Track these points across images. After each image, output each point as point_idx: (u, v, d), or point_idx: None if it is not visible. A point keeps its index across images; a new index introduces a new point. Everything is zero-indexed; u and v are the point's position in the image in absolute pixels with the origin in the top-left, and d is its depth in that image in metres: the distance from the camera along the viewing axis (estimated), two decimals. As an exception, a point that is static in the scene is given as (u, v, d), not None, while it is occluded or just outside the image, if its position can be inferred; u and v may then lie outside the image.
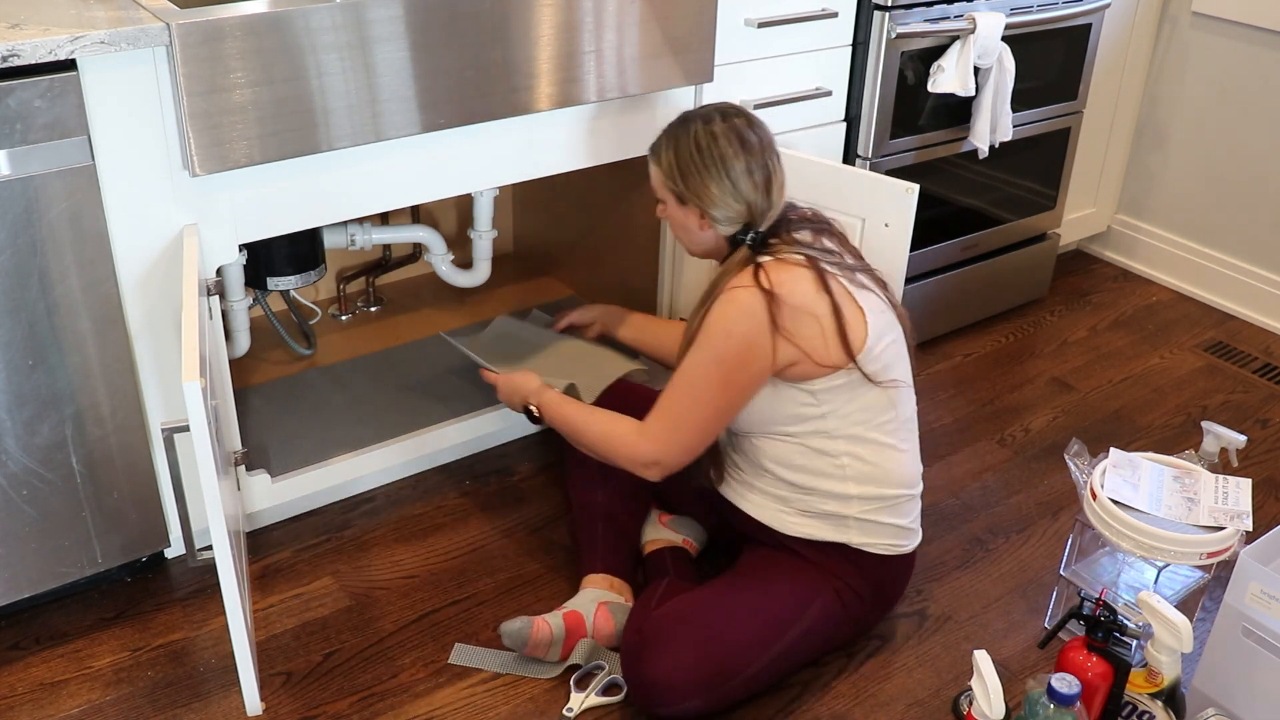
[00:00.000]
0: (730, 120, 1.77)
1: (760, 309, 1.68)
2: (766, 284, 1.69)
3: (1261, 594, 1.68)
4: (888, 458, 1.79)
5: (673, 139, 1.80)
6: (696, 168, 1.76)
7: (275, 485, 2.05)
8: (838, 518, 1.80)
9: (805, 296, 1.70)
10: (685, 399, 1.74)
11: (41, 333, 1.70)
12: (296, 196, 1.86)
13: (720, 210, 1.77)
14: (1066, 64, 2.82)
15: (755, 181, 1.76)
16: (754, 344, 1.69)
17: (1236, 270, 3.08)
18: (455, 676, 1.85)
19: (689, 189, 1.78)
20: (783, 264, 1.73)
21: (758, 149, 1.77)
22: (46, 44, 1.53)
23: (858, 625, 1.89)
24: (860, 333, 1.73)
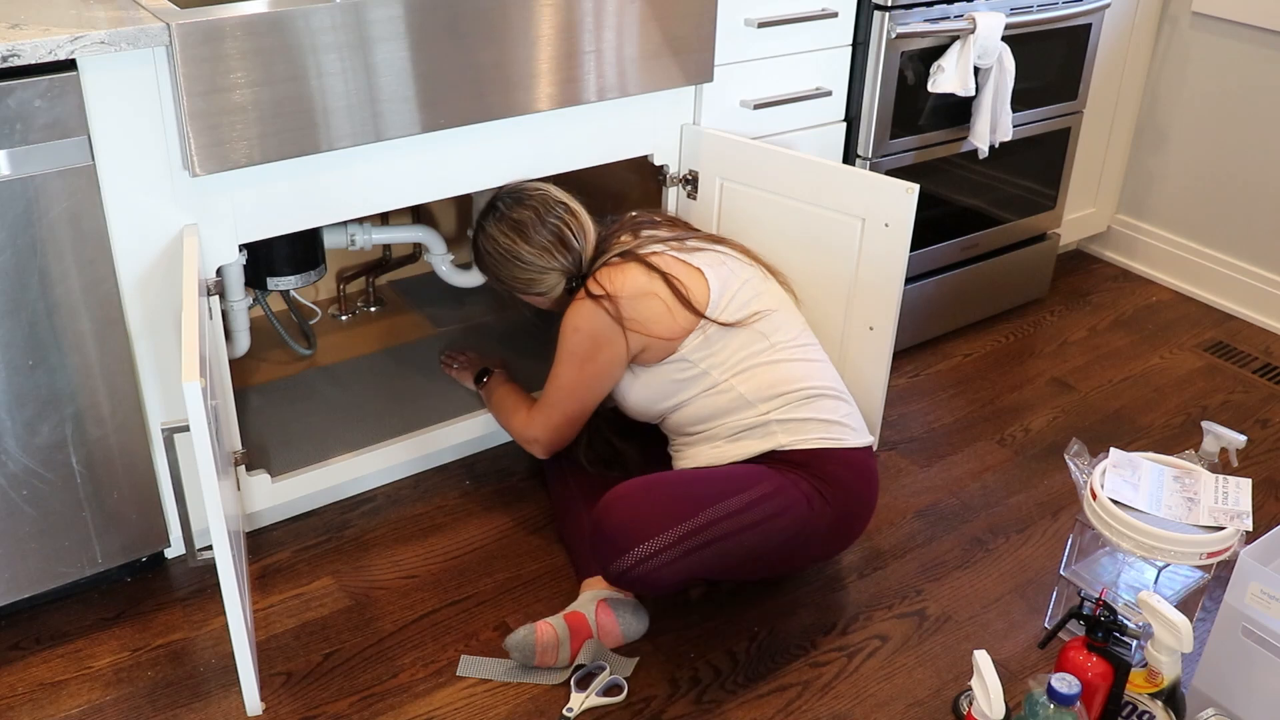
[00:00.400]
0: (497, 214, 1.99)
1: (598, 311, 1.89)
2: (598, 290, 1.90)
3: (1261, 594, 1.68)
4: (779, 371, 1.91)
5: (474, 254, 2.07)
6: (501, 266, 2.01)
7: (275, 485, 2.05)
8: (760, 428, 1.90)
9: (637, 283, 1.90)
10: (552, 390, 2.00)
11: (41, 333, 1.70)
12: (296, 196, 1.86)
13: (540, 286, 2.01)
14: (1066, 64, 2.82)
15: (547, 248, 1.97)
16: (599, 336, 1.90)
17: (1236, 270, 3.08)
18: (455, 676, 1.85)
19: (504, 284, 2.04)
20: (608, 268, 1.94)
21: (534, 220, 1.97)
22: (46, 44, 1.53)
23: (831, 531, 1.89)
24: (703, 291, 1.91)
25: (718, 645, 1.92)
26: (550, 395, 2.00)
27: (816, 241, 2.15)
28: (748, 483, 1.84)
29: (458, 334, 2.57)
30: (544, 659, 1.83)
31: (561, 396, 1.99)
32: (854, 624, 1.99)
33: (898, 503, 2.30)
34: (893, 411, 2.58)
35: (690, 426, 1.96)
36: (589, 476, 2.12)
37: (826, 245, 2.14)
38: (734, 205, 2.23)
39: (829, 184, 2.11)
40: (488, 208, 2.03)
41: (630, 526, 1.77)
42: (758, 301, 1.96)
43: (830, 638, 1.96)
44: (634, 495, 1.82)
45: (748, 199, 2.21)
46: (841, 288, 2.17)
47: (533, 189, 2.01)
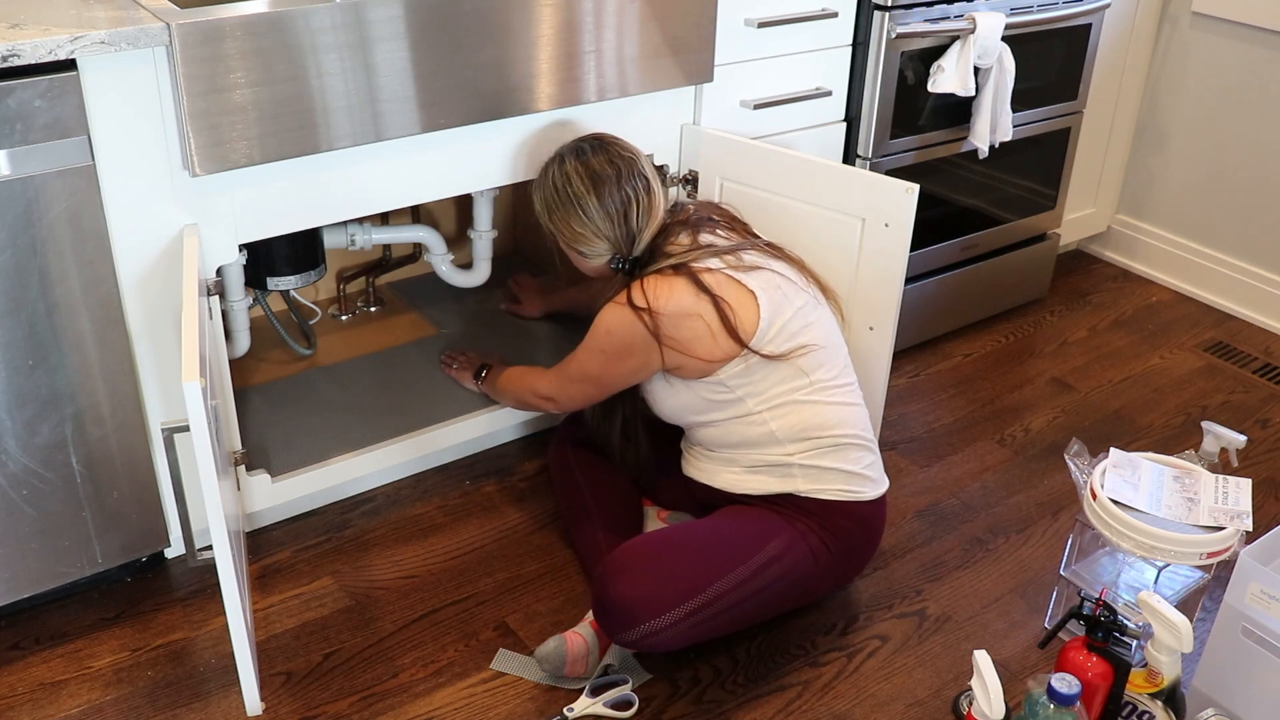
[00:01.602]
0: (584, 158, 1.86)
1: (636, 322, 1.80)
2: (642, 302, 1.80)
3: (1261, 594, 1.68)
4: (814, 412, 1.85)
5: (539, 183, 1.92)
6: (556, 208, 1.88)
7: (275, 485, 2.05)
8: (782, 467, 1.85)
9: (683, 302, 1.79)
10: (573, 366, 1.94)
11: (41, 333, 1.70)
12: (296, 196, 1.86)
13: (585, 246, 1.89)
14: (1066, 64, 2.81)
15: (610, 214, 1.85)
16: (631, 344, 1.82)
17: (1236, 270, 3.08)
18: (455, 676, 1.85)
19: (555, 227, 1.91)
20: (658, 278, 1.82)
21: (612, 180, 1.85)
22: (46, 44, 1.53)
23: (830, 576, 1.91)
24: (752, 317, 1.80)
25: (718, 645, 1.92)
26: (570, 369, 1.95)
27: (816, 241, 2.15)
28: (757, 544, 1.80)
29: (458, 334, 2.57)
30: (574, 669, 1.82)
31: (580, 377, 1.93)
32: (854, 624, 1.99)
33: (898, 503, 2.30)
34: (893, 411, 2.58)
35: (713, 444, 1.92)
36: (600, 478, 2.08)
37: (826, 245, 2.14)
38: (734, 205, 2.23)
39: (829, 184, 2.11)
40: (574, 146, 1.90)
41: (638, 603, 1.71)
42: (806, 334, 1.85)
43: (830, 638, 1.96)
44: (641, 567, 1.76)
45: (748, 199, 2.20)
46: (841, 288, 2.17)
47: (625, 149, 1.90)
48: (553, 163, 1.90)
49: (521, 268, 2.77)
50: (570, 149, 1.90)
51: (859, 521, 1.89)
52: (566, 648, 1.81)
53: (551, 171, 1.89)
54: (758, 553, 1.79)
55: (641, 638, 1.73)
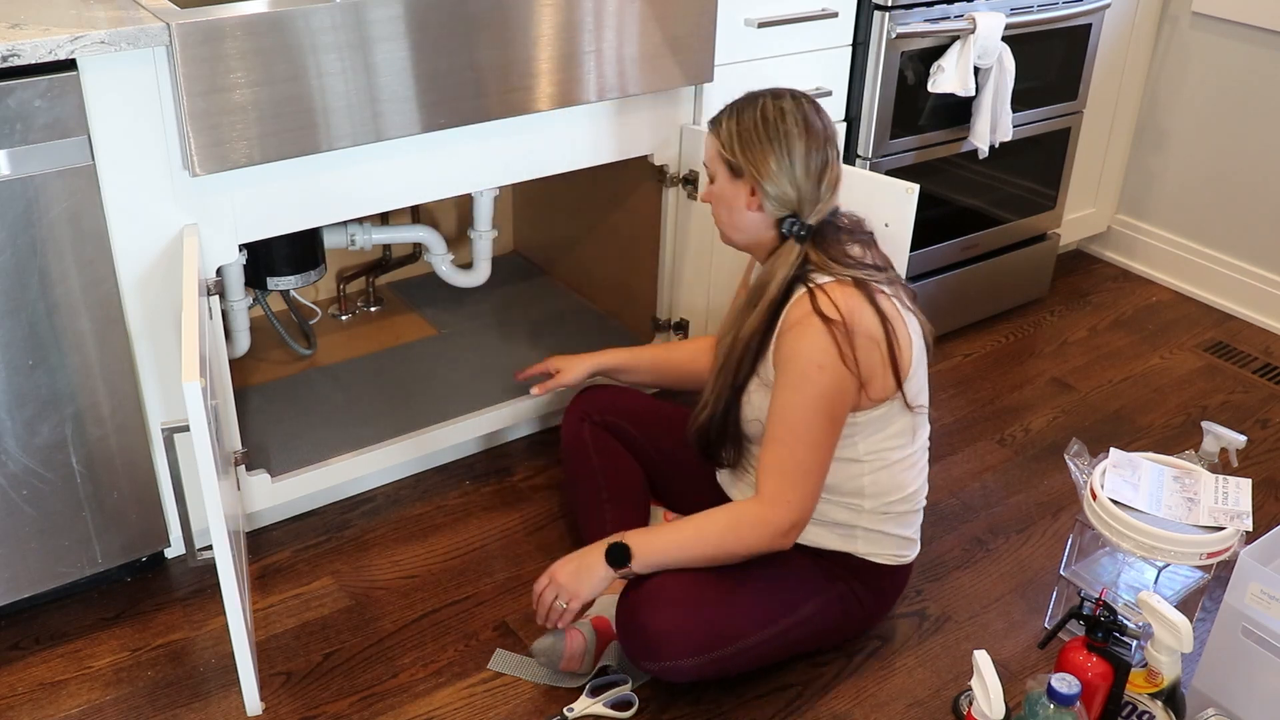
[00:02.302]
0: (799, 101, 1.73)
1: (833, 342, 1.63)
2: (833, 312, 1.63)
3: (1261, 594, 1.68)
4: (904, 477, 1.80)
5: (736, 109, 1.75)
6: (758, 138, 1.70)
7: (275, 485, 2.05)
8: (846, 528, 1.80)
9: (867, 322, 1.65)
10: (799, 446, 1.66)
11: (41, 333, 1.70)
12: (296, 196, 1.86)
13: (773, 186, 1.69)
14: (1066, 64, 2.81)
15: (810, 168, 1.69)
16: (841, 372, 1.64)
17: (1236, 270, 3.08)
18: (455, 676, 1.85)
19: (746, 159, 1.70)
20: (839, 286, 1.67)
21: (821, 136, 1.71)
22: (46, 44, 1.53)
23: (855, 628, 1.90)
24: (907, 357, 1.70)
25: (718, 645, 1.92)
26: (796, 457, 1.67)
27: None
28: (797, 603, 1.77)
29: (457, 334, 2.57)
30: (570, 665, 1.81)
31: (812, 458, 1.67)
32: (854, 624, 1.99)
33: (898, 503, 2.30)
34: (893, 411, 2.58)
35: None
36: (616, 464, 2.01)
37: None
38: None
39: (829, 184, 2.11)
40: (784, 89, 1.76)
41: (668, 638, 1.68)
42: (924, 393, 1.78)
43: (830, 638, 1.96)
44: (678, 602, 1.69)
45: (748, 199, 2.20)
46: (841, 288, 2.17)
47: (826, 113, 1.75)
48: (762, 95, 1.74)
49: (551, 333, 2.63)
50: (782, 90, 1.75)
51: (893, 582, 1.89)
52: (566, 644, 1.80)
53: (763, 102, 1.72)
54: (795, 611, 1.77)
55: (661, 670, 1.71)
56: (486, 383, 2.36)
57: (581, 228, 2.69)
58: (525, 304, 2.72)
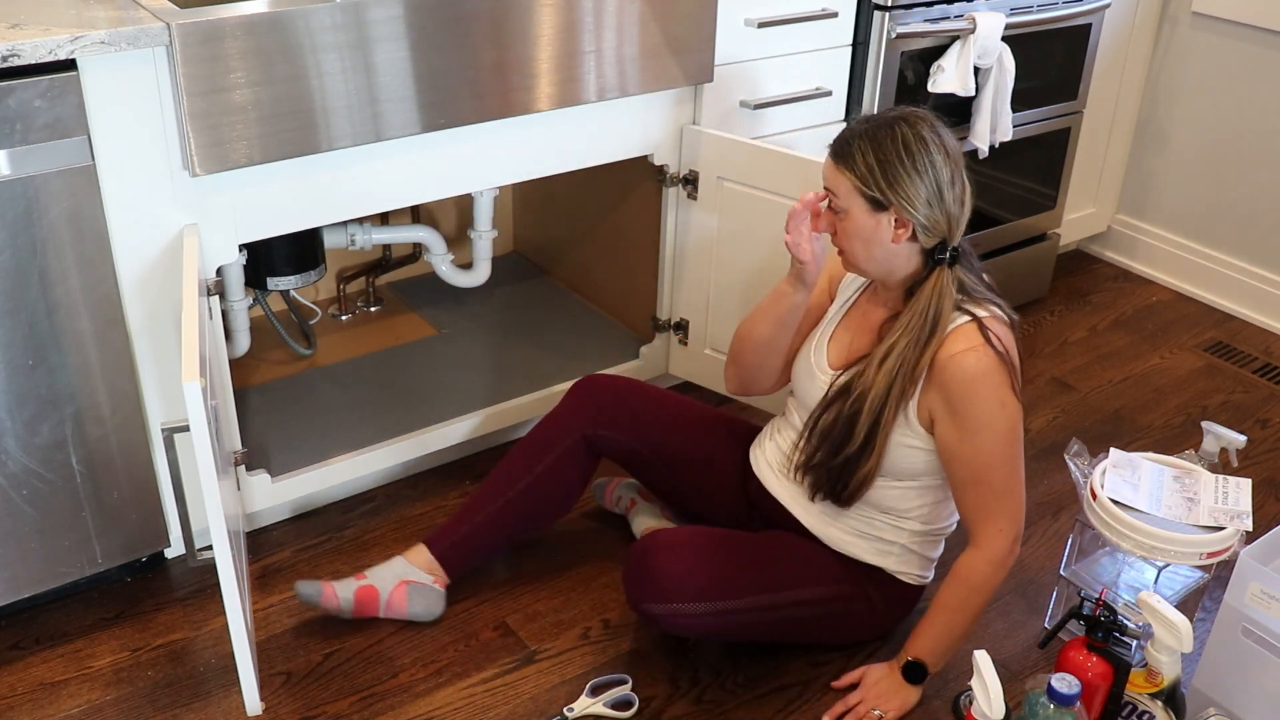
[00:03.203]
0: (934, 124, 1.67)
1: (1005, 371, 1.65)
2: (1002, 347, 1.65)
3: (1261, 594, 1.68)
4: (943, 507, 1.82)
5: (871, 140, 1.65)
6: (905, 170, 1.62)
7: (275, 485, 2.05)
8: (885, 543, 1.81)
9: (1016, 356, 1.69)
10: (998, 481, 1.69)
11: (41, 333, 1.70)
12: (296, 196, 1.86)
13: (926, 217, 1.64)
14: (1066, 64, 2.81)
15: (956, 193, 1.66)
16: (1015, 410, 1.67)
17: (1236, 270, 3.08)
18: (455, 676, 1.85)
19: (895, 193, 1.63)
20: (995, 320, 1.68)
21: (957, 157, 1.67)
22: (46, 44, 1.53)
23: (862, 631, 1.90)
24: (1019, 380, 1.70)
25: (717, 646, 1.92)
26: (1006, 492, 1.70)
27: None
28: (810, 581, 1.79)
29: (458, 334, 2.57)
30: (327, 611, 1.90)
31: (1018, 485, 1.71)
32: (854, 624, 1.99)
33: (898, 503, 2.30)
34: (893, 411, 2.58)
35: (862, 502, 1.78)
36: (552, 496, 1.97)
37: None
38: (734, 205, 2.23)
39: (829, 184, 2.11)
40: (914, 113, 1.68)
41: (678, 581, 1.71)
42: None
43: (830, 638, 1.96)
44: (693, 549, 1.75)
45: (748, 199, 2.20)
46: (841, 288, 2.17)
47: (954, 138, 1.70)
48: (896, 123, 1.65)
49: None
50: (910, 113, 1.67)
51: (907, 602, 1.90)
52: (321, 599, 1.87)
53: (902, 132, 1.64)
54: (804, 588, 1.78)
55: (666, 614, 1.73)
56: (486, 383, 2.36)
57: (581, 228, 2.69)
58: (525, 304, 2.72)
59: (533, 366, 2.42)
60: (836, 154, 1.69)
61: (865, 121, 1.69)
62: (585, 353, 2.48)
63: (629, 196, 2.46)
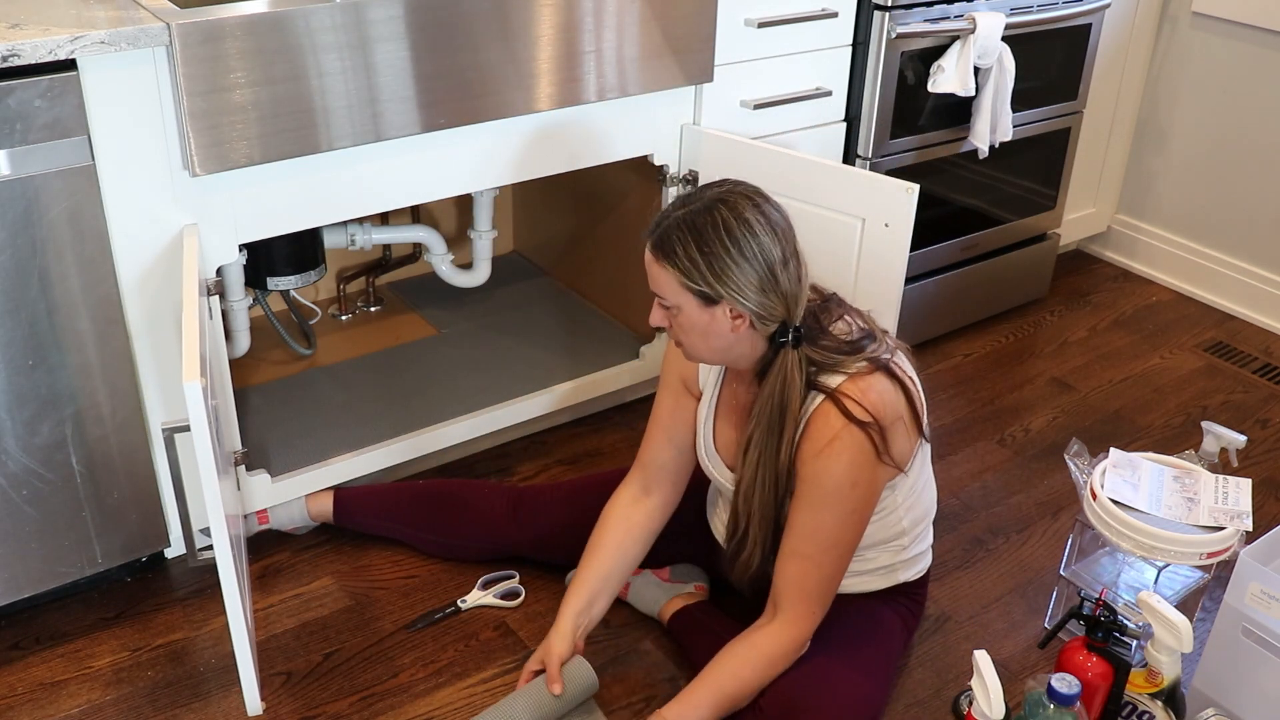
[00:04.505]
0: (754, 200, 1.54)
1: (868, 448, 1.54)
2: (864, 415, 1.53)
3: (1261, 594, 1.68)
4: (925, 495, 1.81)
5: (691, 230, 1.52)
6: (732, 260, 1.50)
7: (275, 485, 2.05)
8: (886, 569, 1.81)
9: (892, 407, 1.57)
10: (827, 562, 1.61)
11: (41, 333, 1.70)
12: (296, 196, 1.86)
13: (761, 306, 1.53)
14: (1066, 64, 2.81)
15: (791, 272, 1.54)
16: (874, 483, 1.60)
17: (1236, 270, 3.08)
18: (455, 676, 1.85)
19: (723, 288, 1.51)
20: (859, 380, 1.56)
21: (786, 232, 1.55)
22: (46, 44, 1.53)
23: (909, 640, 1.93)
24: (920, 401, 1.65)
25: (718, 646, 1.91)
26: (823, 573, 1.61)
27: (816, 241, 2.14)
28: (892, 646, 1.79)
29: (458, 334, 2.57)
30: None
31: (840, 571, 1.63)
32: (854, 624, 1.99)
33: (898, 503, 2.30)
34: (893, 411, 2.58)
35: None
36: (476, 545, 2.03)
37: (826, 245, 2.14)
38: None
39: (829, 184, 2.11)
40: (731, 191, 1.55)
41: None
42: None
43: (830, 638, 1.96)
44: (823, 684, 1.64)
45: (748, 199, 2.20)
46: (841, 288, 2.15)
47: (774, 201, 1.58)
48: (715, 206, 1.52)
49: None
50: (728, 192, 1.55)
51: (925, 591, 1.93)
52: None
53: (721, 216, 1.51)
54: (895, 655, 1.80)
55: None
56: (486, 383, 2.36)
57: (581, 228, 2.69)
58: (525, 304, 2.72)
59: (533, 366, 2.42)
60: (656, 248, 1.56)
61: (682, 206, 1.55)
62: (585, 353, 2.48)
63: (629, 196, 2.46)
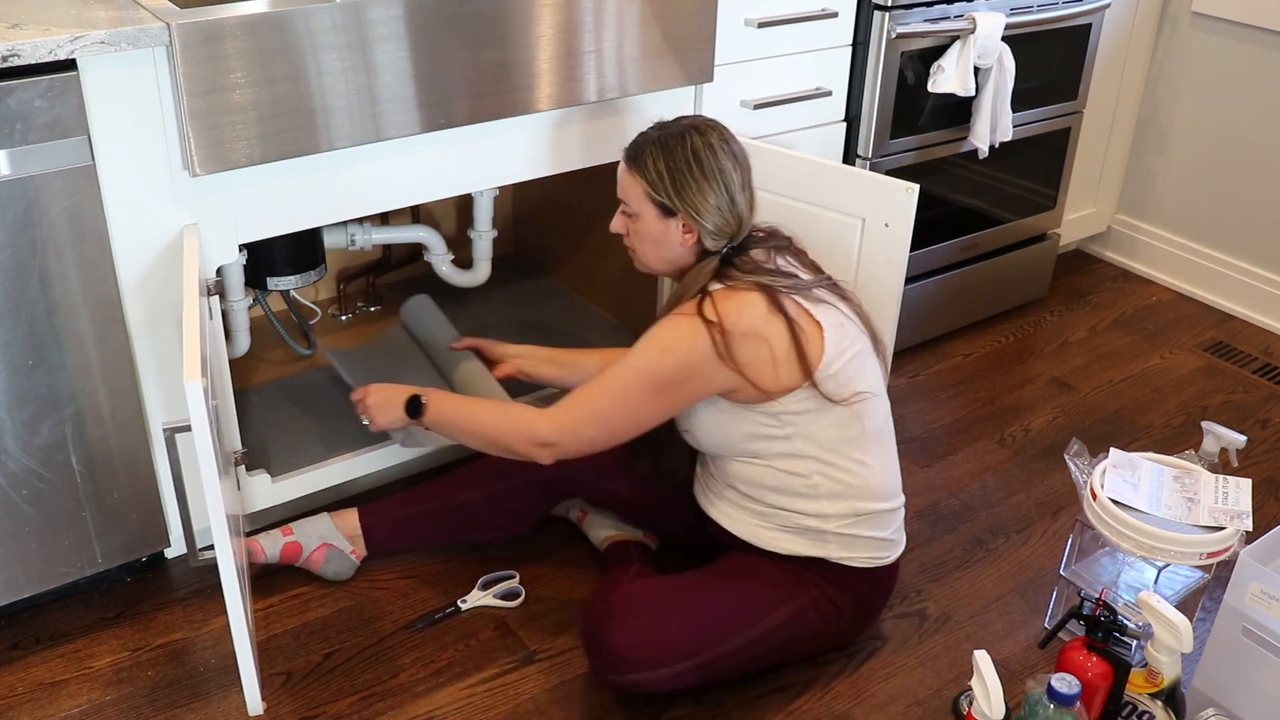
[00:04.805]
0: (722, 133, 1.76)
1: (703, 337, 1.66)
2: (713, 315, 1.67)
3: (1261, 594, 1.68)
4: (859, 474, 1.77)
5: (663, 148, 1.74)
6: (694, 178, 1.71)
7: (275, 485, 2.05)
8: (816, 532, 1.79)
9: (754, 322, 1.68)
10: (607, 397, 1.72)
11: (41, 333, 1.70)
12: (296, 196, 1.86)
13: (713, 220, 1.72)
14: (1066, 64, 2.82)
15: (746, 196, 1.75)
16: (690, 367, 1.68)
17: (1236, 270, 3.08)
18: (455, 676, 1.85)
19: (683, 201, 1.72)
20: (731, 292, 1.70)
21: (746, 164, 1.76)
22: (46, 44, 1.53)
23: (836, 637, 1.89)
24: (816, 351, 1.70)
25: (718, 645, 1.92)
26: (595, 400, 1.73)
27: (816, 241, 2.14)
28: (766, 610, 1.77)
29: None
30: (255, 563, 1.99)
31: (611, 410, 1.72)
32: (854, 624, 1.99)
33: (898, 503, 2.30)
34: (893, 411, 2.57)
35: (746, 488, 1.81)
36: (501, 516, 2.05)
37: (826, 245, 2.14)
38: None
39: (829, 184, 2.11)
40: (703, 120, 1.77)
41: (634, 655, 1.69)
42: (861, 380, 1.75)
43: (830, 638, 1.96)
44: (643, 617, 1.72)
45: (748, 199, 2.20)
46: (841, 288, 2.17)
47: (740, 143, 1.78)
48: (686, 131, 1.74)
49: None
50: (699, 121, 1.76)
51: (877, 585, 1.87)
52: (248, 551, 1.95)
53: (691, 140, 1.72)
54: (763, 620, 1.76)
55: (628, 685, 1.73)
56: (486, 383, 2.36)
57: (581, 228, 2.69)
58: (525, 304, 2.72)
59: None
60: (629, 159, 1.78)
61: (659, 129, 1.76)
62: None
63: (629, 196, 2.46)
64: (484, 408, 1.85)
